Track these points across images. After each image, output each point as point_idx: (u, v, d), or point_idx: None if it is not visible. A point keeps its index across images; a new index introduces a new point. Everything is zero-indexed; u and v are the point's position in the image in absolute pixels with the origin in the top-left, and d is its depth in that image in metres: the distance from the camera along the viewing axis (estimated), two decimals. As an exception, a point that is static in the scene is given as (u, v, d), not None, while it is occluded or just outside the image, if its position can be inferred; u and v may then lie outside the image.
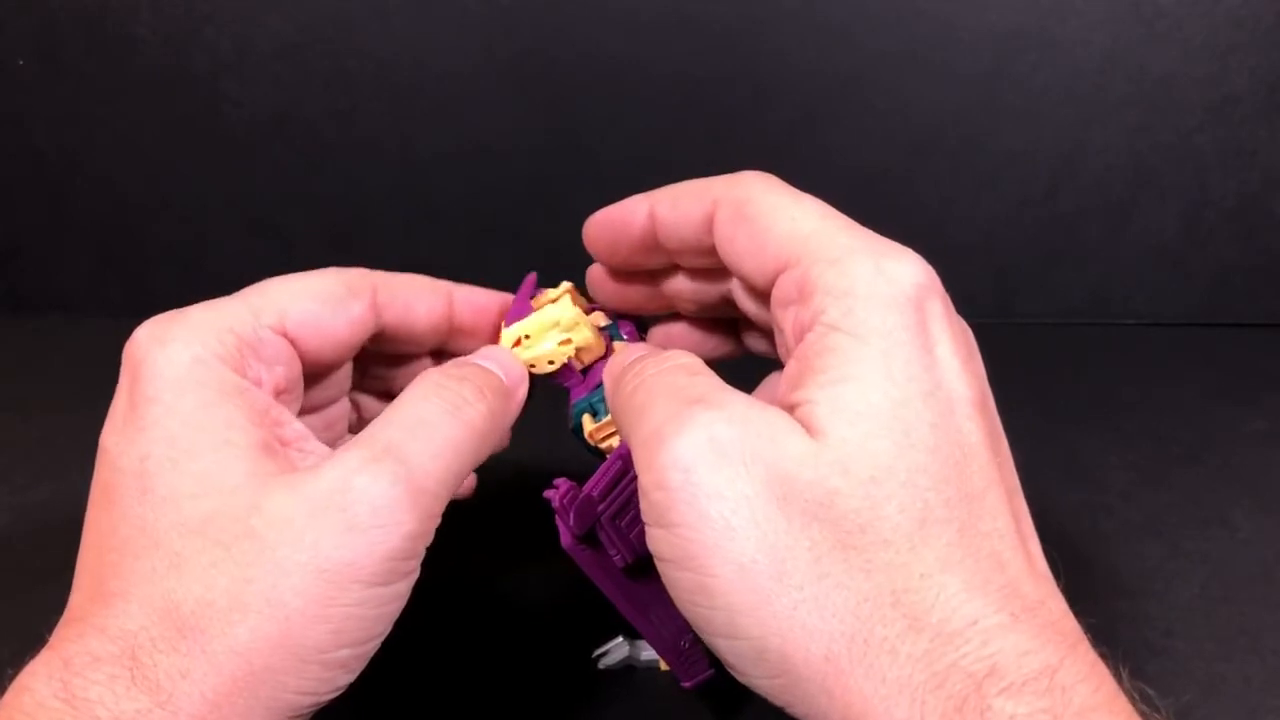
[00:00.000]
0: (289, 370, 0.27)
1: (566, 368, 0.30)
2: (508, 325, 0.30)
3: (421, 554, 0.24)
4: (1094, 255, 0.59)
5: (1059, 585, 0.22)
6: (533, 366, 0.30)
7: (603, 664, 0.33)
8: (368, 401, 0.33)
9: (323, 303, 0.28)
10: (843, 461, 0.21)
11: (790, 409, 0.22)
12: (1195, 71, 0.54)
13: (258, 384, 0.26)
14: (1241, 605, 0.37)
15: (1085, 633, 0.21)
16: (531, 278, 0.31)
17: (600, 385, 0.30)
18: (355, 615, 0.22)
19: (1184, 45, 0.53)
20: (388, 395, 0.33)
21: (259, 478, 0.23)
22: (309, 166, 0.57)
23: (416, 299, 0.31)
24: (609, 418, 0.29)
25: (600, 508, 0.27)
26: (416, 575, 0.24)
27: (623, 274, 0.31)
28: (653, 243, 0.28)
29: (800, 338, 0.23)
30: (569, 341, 0.30)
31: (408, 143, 0.57)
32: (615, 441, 0.29)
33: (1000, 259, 0.59)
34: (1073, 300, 0.59)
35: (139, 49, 0.55)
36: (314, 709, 0.23)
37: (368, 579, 0.22)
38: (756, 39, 0.54)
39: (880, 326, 0.22)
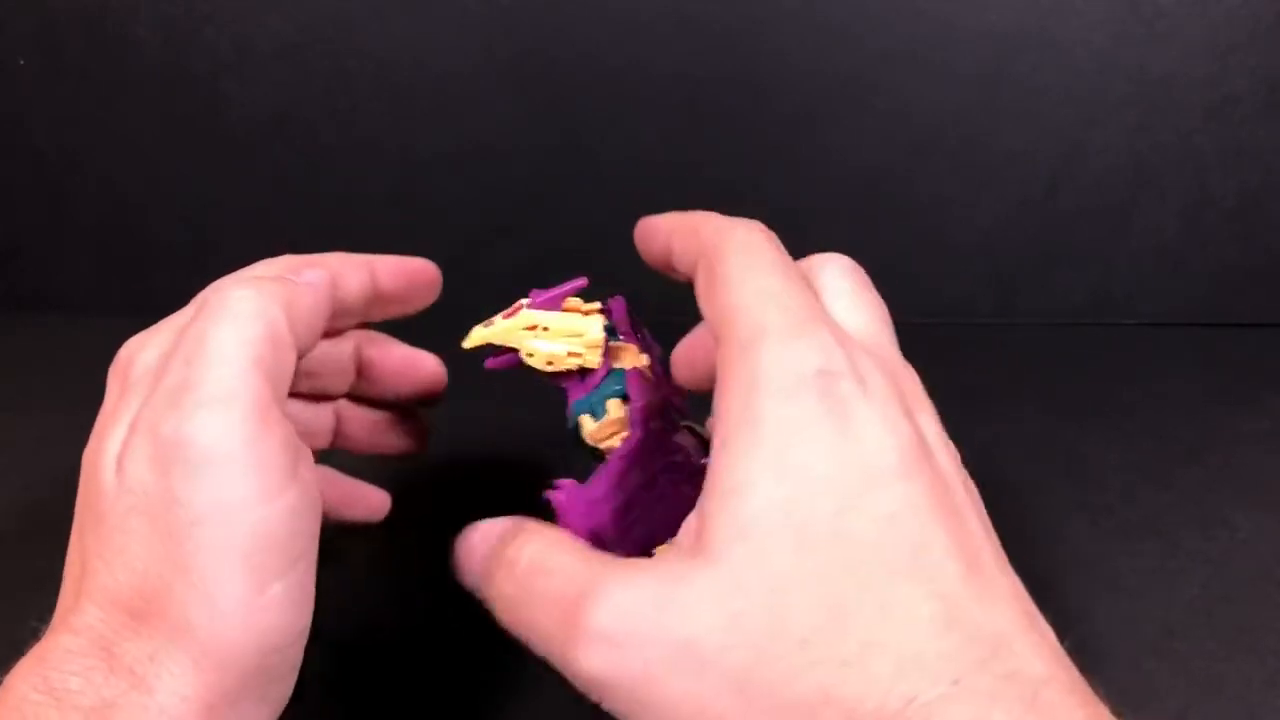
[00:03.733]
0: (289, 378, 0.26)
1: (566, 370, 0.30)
2: (531, 306, 0.30)
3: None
4: (1094, 255, 0.59)
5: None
6: (530, 356, 0.30)
7: None
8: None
9: (276, 348, 0.26)
10: (739, 583, 0.20)
11: (703, 519, 0.22)
12: (1195, 71, 0.54)
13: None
14: (1241, 605, 0.37)
15: (1071, 654, 0.20)
16: (583, 281, 0.31)
17: (599, 386, 0.30)
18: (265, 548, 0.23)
19: (1184, 45, 0.53)
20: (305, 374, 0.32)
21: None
22: (309, 166, 0.57)
23: (347, 275, 0.30)
24: (610, 417, 0.29)
25: (603, 508, 0.27)
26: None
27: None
28: (669, 262, 0.29)
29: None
30: (579, 356, 0.30)
31: (408, 143, 0.57)
32: (616, 442, 0.29)
33: (1000, 259, 0.59)
34: (1073, 300, 0.59)
35: (139, 49, 0.55)
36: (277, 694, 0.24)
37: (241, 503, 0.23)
38: (756, 39, 0.54)
39: (775, 416, 0.21)
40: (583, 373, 0.30)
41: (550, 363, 0.30)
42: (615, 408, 0.30)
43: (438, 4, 0.53)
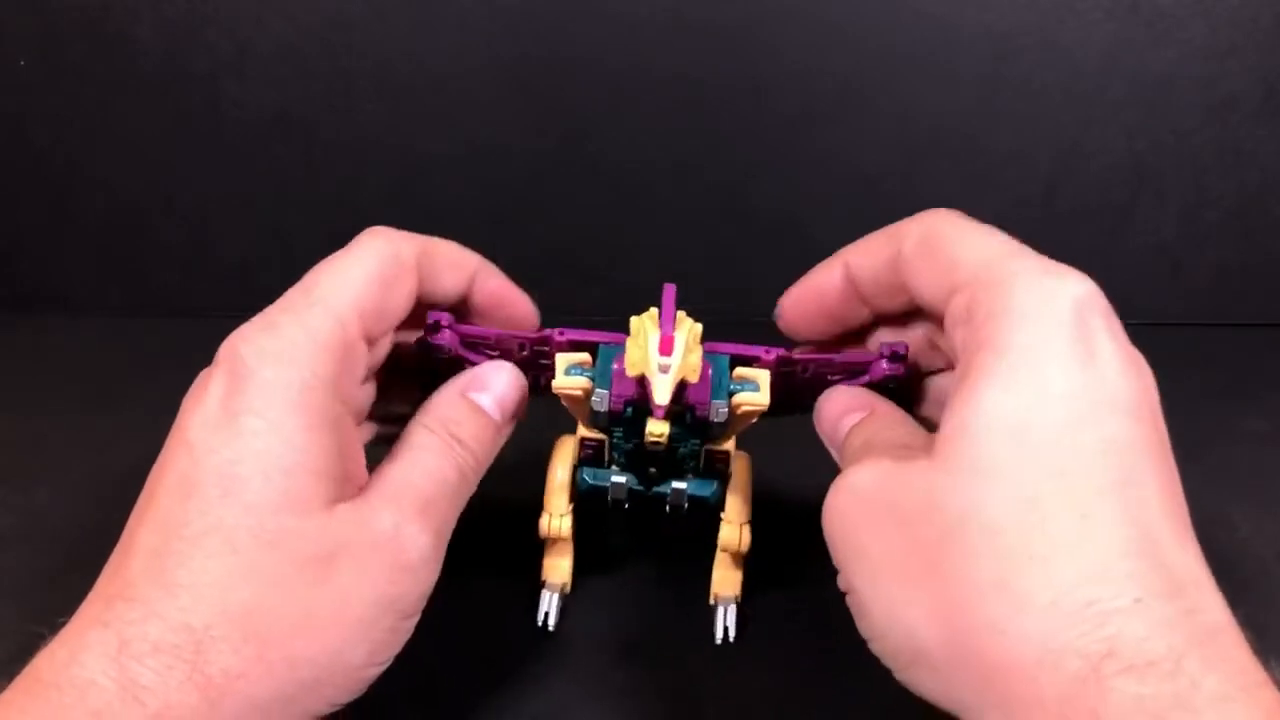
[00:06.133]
0: (366, 374, 0.28)
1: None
2: (673, 332, 0.27)
3: None
4: (1094, 255, 0.58)
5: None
6: (694, 372, 0.28)
7: (552, 623, 0.34)
8: None
9: (386, 287, 0.28)
10: (949, 468, 0.22)
11: (939, 433, 0.24)
12: (1195, 71, 0.54)
13: (349, 400, 0.27)
14: (1241, 605, 0.36)
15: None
16: (673, 287, 0.29)
17: (712, 371, 0.30)
18: (387, 640, 0.26)
19: (1184, 45, 0.53)
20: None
21: (332, 505, 0.25)
22: (309, 166, 0.57)
23: (445, 271, 0.31)
24: (762, 381, 0.30)
25: None
26: None
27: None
28: (853, 298, 0.30)
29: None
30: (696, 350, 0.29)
31: (408, 143, 0.57)
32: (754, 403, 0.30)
33: (1000, 259, 0.59)
34: (1072, 300, 0.59)
35: (139, 49, 0.55)
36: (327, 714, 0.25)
37: (404, 610, 0.26)
38: (756, 39, 0.54)
39: (1023, 341, 0.23)
40: None
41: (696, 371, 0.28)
42: (748, 372, 0.30)
43: (438, 4, 0.53)
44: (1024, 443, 0.22)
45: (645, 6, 0.53)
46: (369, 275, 0.28)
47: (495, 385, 0.31)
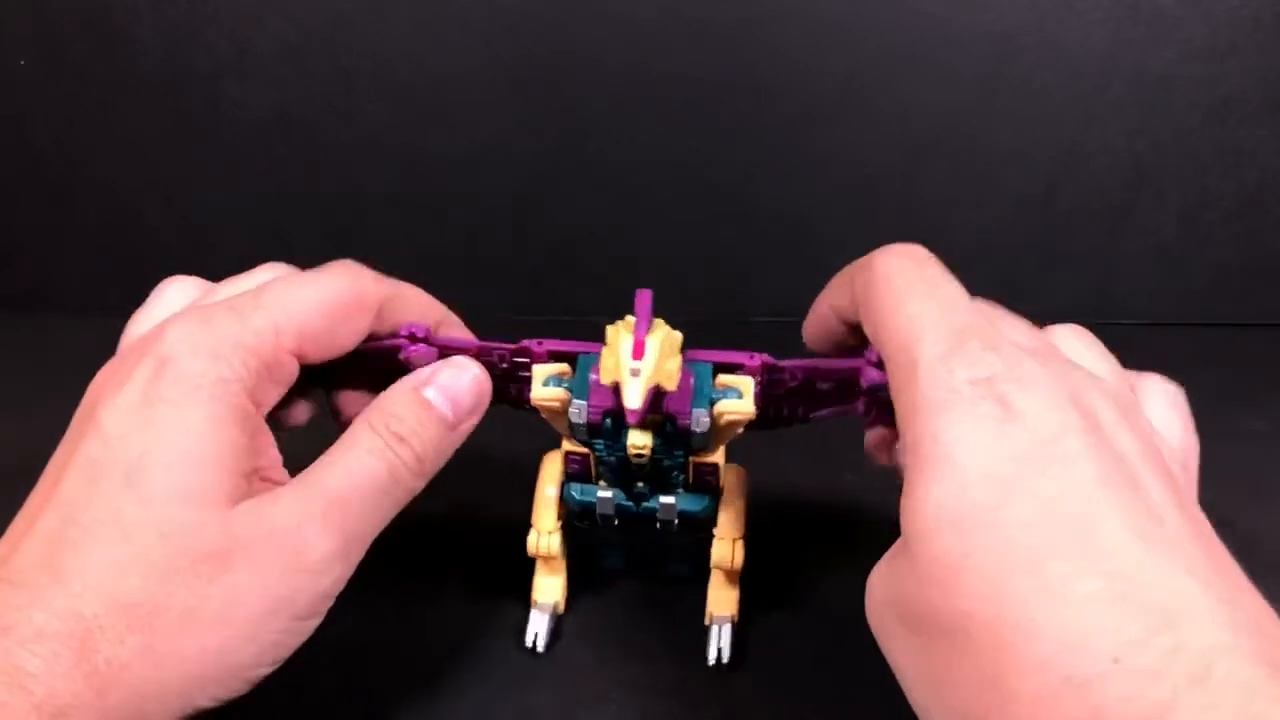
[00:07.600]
0: (287, 387, 0.28)
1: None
2: (647, 335, 0.26)
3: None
4: (1094, 255, 0.59)
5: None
6: (669, 379, 0.27)
7: (541, 645, 0.33)
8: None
9: (336, 318, 0.28)
10: (918, 573, 0.22)
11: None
12: (1195, 71, 0.54)
13: (263, 404, 0.27)
14: (1241, 605, 0.36)
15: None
16: (649, 292, 0.28)
17: (695, 378, 0.29)
18: (279, 642, 0.25)
19: (1184, 45, 0.53)
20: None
21: (233, 500, 0.25)
22: (309, 166, 0.57)
23: (410, 318, 0.31)
24: (744, 388, 0.29)
25: None
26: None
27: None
28: (845, 328, 0.30)
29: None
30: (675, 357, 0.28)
31: (408, 143, 0.57)
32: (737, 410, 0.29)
33: (1000, 259, 0.59)
34: (1073, 300, 0.59)
35: (139, 49, 0.55)
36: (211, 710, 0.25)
37: (298, 612, 0.25)
38: (756, 39, 0.54)
39: (932, 431, 0.23)
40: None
41: (672, 378, 0.28)
42: (731, 379, 0.29)
43: (438, 4, 0.53)
44: (966, 533, 0.21)
45: (645, 6, 0.53)
46: (323, 301, 0.28)
47: (448, 380, 0.29)
